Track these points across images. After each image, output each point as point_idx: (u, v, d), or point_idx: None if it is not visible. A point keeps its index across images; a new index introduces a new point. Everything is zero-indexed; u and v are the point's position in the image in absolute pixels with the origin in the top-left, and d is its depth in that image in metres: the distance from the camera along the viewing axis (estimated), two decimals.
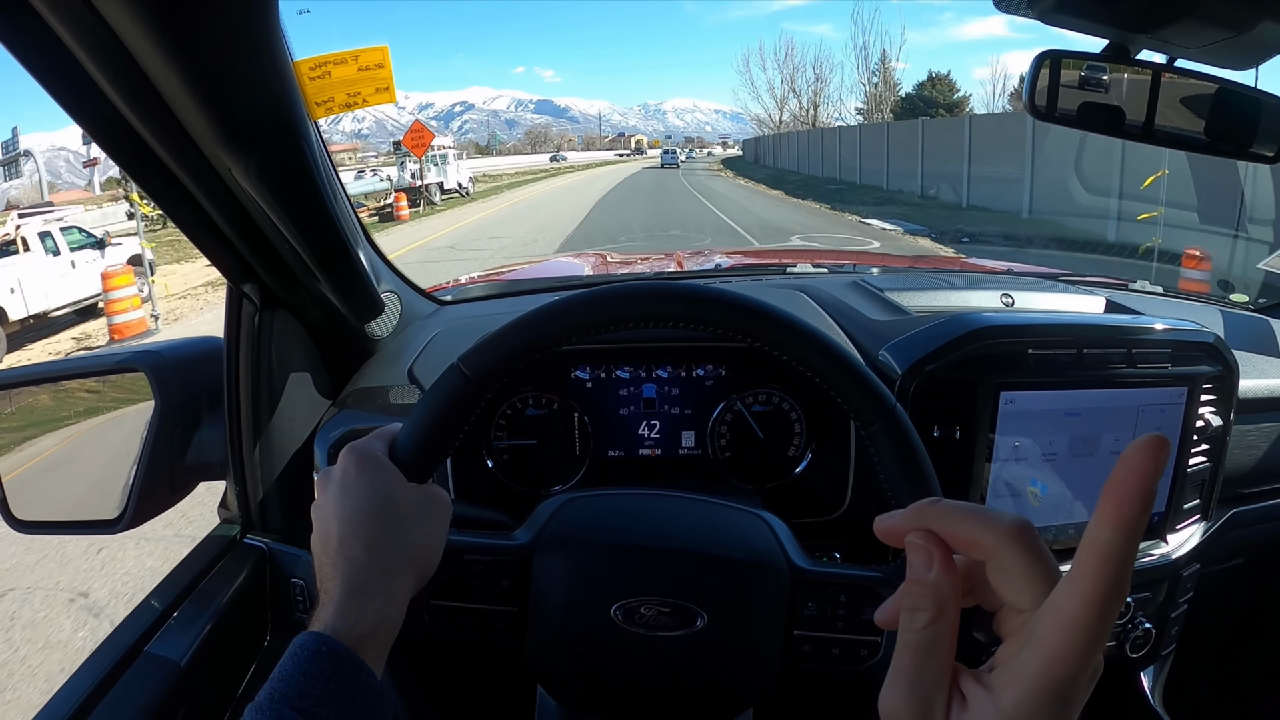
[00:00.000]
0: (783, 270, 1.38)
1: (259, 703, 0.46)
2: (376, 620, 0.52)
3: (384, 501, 0.55)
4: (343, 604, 0.51)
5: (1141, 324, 0.94)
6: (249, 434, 0.90)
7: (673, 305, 0.59)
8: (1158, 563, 0.95)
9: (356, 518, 0.54)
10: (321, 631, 0.49)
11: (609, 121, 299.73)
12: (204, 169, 0.63)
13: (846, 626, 0.63)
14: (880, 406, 0.58)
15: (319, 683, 0.47)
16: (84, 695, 0.74)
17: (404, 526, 0.55)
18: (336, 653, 0.48)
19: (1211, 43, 0.91)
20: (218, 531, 0.97)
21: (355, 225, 0.88)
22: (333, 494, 0.56)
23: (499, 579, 0.64)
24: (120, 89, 0.53)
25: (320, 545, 0.55)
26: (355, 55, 0.72)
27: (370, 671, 0.50)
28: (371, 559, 0.53)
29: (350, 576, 0.52)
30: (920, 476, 0.58)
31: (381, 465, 0.56)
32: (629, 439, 0.96)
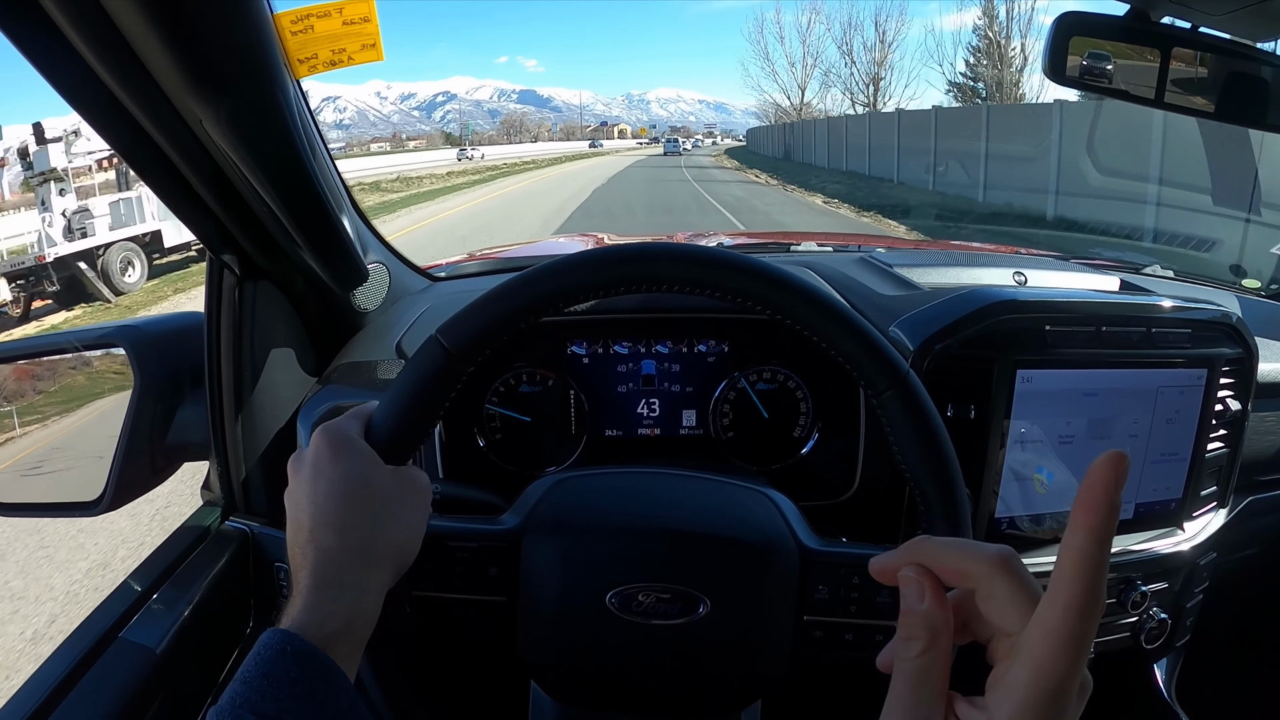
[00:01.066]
0: (786, 249, 1.34)
1: (220, 707, 0.42)
2: (349, 615, 0.48)
3: (358, 486, 0.51)
4: (311, 599, 0.47)
5: (1161, 302, 0.90)
6: (231, 412, 0.87)
7: (667, 267, 0.54)
8: (1174, 551, 0.92)
9: (328, 504, 0.50)
10: (287, 629, 0.46)
11: (592, 111, 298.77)
12: (174, 121, 0.59)
13: (860, 610, 0.59)
14: (893, 373, 0.54)
15: (284, 685, 0.43)
16: (55, 682, 0.71)
17: (380, 512, 0.52)
18: (303, 652, 0.44)
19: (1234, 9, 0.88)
20: (199, 514, 0.94)
21: (339, 189, 0.84)
22: (305, 478, 0.52)
23: (486, 567, 0.60)
24: (79, 28, 0.50)
25: (292, 534, 0.52)
26: (339, 8, 0.68)
27: (340, 672, 0.46)
28: (344, 548, 0.49)
29: (320, 568, 0.48)
30: (935, 445, 0.54)
31: (355, 447, 0.53)
32: (627, 418, 0.92)
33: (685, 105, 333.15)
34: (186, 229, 0.75)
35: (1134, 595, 0.89)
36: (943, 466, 0.54)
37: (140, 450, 0.88)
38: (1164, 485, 0.91)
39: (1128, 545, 0.90)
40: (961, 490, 0.55)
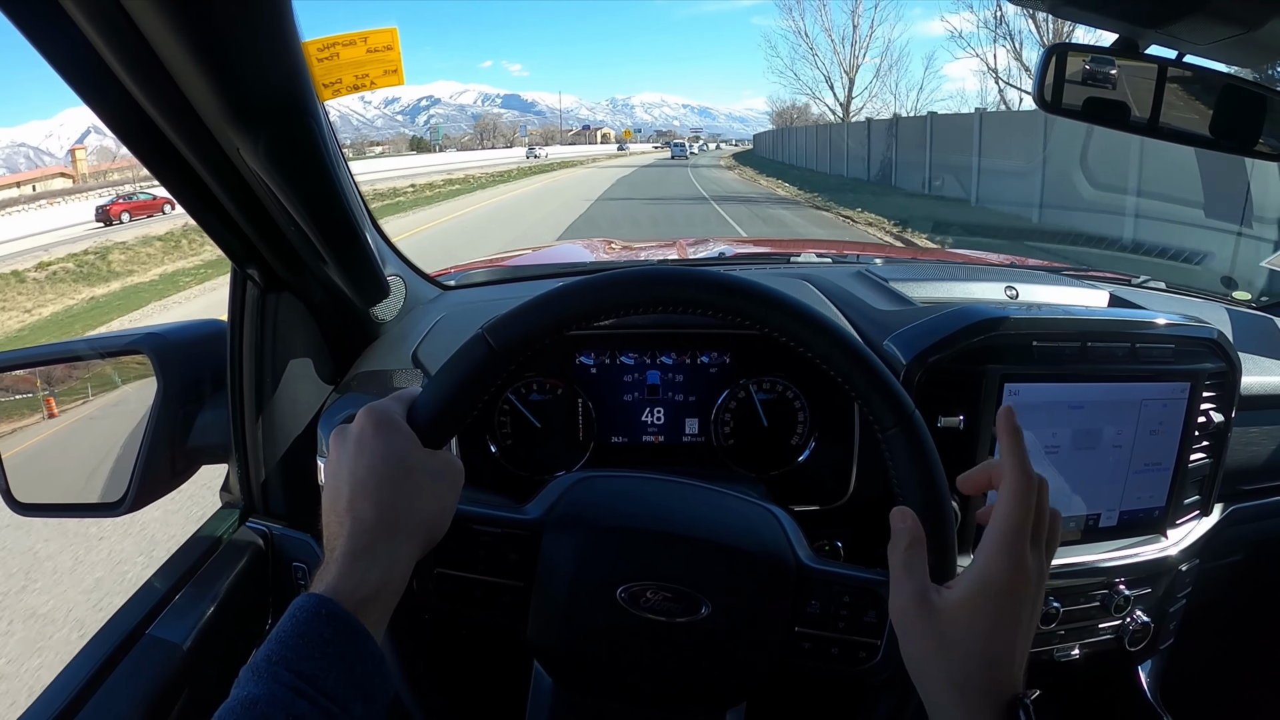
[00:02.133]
0: (786, 259, 1.38)
1: (255, 664, 0.45)
2: (380, 583, 0.51)
3: (397, 463, 0.54)
4: (346, 565, 0.50)
5: (1145, 318, 0.94)
6: (251, 417, 0.90)
7: (707, 293, 0.58)
8: (1156, 557, 0.95)
9: (369, 477, 0.53)
10: (322, 593, 0.48)
11: (576, 115, 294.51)
12: (211, 148, 0.62)
13: (848, 627, 0.63)
14: (899, 412, 0.58)
15: (318, 645, 0.46)
16: (86, 677, 0.74)
17: (416, 490, 0.54)
18: (336, 615, 0.47)
19: (1221, 39, 0.91)
20: (220, 515, 0.97)
21: (363, 208, 0.87)
22: (347, 452, 0.54)
23: (507, 552, 0.63)
24: (128, 66, 0.53)
25: (330, 503, 0.54)
26: (364, 37, 0.72)
27: (370, 636, 0.48)
28: (380, 520, 0.52)
29: (356, 536, 0.51)
30: (931, 484, 0.58)
31: (398, 427, 0.55)
32: (632, 425, 0.96)
33: (669, 110, 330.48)
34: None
35: (1117, 599, 0.93)
36: (936, 500, 0.58)
37: (161, 453, 0.91)
38: (1147, 494, 0.94)
39: (1112, 551, 0.93)
40: (951, 522, 0.59)
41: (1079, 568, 0.92)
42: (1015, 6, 1.25)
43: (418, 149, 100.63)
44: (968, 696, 0.50)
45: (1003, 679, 0.51)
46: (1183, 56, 0.92)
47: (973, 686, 0.50)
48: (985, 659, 0.51)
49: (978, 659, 0.51)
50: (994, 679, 0.50)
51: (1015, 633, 0.52)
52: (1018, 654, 0.52)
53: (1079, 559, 0.92)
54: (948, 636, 0.51)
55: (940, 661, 0.51)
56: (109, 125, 0.59)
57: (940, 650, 0.51)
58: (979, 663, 0.51)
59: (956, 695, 0.51)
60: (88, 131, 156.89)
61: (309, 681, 0.44)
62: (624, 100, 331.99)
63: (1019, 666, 0.52)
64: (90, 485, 0.99)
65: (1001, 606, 0.51)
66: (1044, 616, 0.90)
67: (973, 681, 0.50)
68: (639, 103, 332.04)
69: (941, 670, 0.51)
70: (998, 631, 0.51)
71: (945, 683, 0.51)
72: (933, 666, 0.52)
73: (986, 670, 0.50)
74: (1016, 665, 0.52)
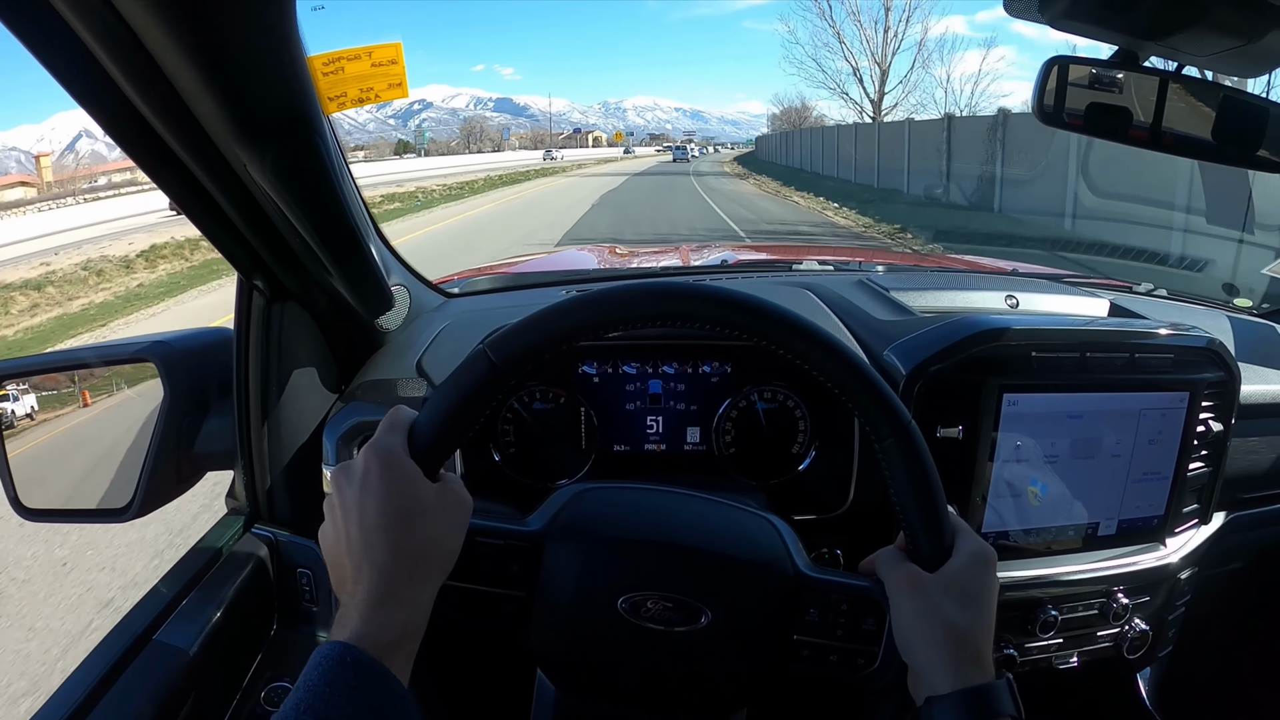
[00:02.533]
0: (789, 267, 1.38)
1: (284, 713, 0.45)
2: (404, 628, 0.51)
3: (407, 504, 0.54)
4: (369, 612, 0.50)
5: (1144, 328, 0.94)
6: (257, 424, 0.91)
7: (705, 308, 0.58)
8: (1155, 565, 0.95)
9: (381, 521, 0.53)
10: (347, 641, 0.49)
11: (568, 119, 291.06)
12: (218, 163, 0.63)
13: (846, 635, 0.64)
14: (895, 422, 0.59)
15: (344, 693, 0.46)
16: (94, 682, 0.75)
17: (428, 528, 0.54)
18: (362, 663, 0.48)
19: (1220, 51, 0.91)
20: (225, 521, 0.98)
21: (367, 219, 0.88)
22: (353, 495, 0.54)
23: (509, 563, 0.64)
24: (136, 84, 0.54)
25: (336, 545, 0.54)
26: (369, 51, 0.73)
27: (396, 680, 0.49)
28: (398, 565, 0.52)
29: (377, 585, 0.51)
30: (927, 494, 0.59)
31: (402, 465, 0.55)
32: (635, 434, 0.97)
33: (662, 113, 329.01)
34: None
35: (1115, 607, 0.93)
36: (932, 510, 0.59)
37: (168, 459, 0.92)
38: (1146, 503, 0.95)
39: (1110, 559, 0.94)
40: (948, 527, 0.60)
41: (1078, 576, 0.92)
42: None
43: (403, 153, 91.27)
44: (959, 665, 0.55)
45: (984, 653, 0.57)
46: (1182, 68, 0.92)
47: (965, 656, 0.56)
48: (971, 628, 0.57)
49: (965, 629, 0.57)
50: (979, 652, 0.57)
51: (993, 609, 0.59)
52: (991, 631, 0.59)
53: (1078, 567, 0.92)
54: (939, 607, 0.57)
55: (932, 632, 0.57)
56: (116, 139, 0.60)
57: (933, 621, 0.57)
58: (966, 632, 0.57)
59: (947, 665, 0.56)
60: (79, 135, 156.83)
61: None
62: (616, 104, 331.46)
63: (990, 648, 0.58)
64: (97, 490, 1.00)
65: (988, 576, 0.59)
66: (1042, 624, 0.90)
67: (965, 651, 0.56)
68: (631, 106, 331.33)
69: (932, 641, 0.57)
70: (982, 601, 0.58)
71: (935, 653, 0.56)
72: (925, 636, 0.57)
73: (972, 640, 0.57)
74: (989, 646, 0.58)
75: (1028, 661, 0.91)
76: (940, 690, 0.55)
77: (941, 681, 0.55)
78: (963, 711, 0.54)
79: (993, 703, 0.54)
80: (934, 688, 0.55)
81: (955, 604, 0.57)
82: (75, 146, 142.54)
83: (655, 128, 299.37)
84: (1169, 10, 0.84)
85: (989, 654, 0.57)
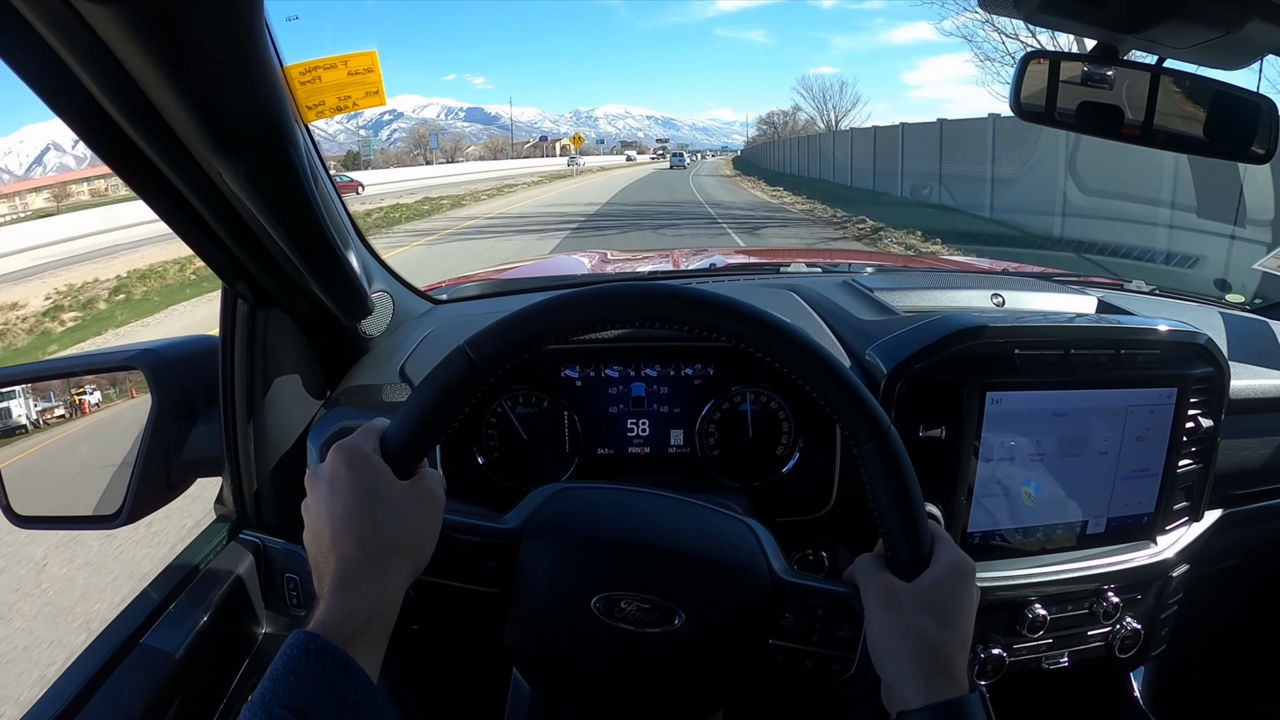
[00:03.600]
0: (776, 270, 1.38)
1: (252, 703, 0.47)
2: (368, 616, 0.52)
3: (373, 499, 0.55)
4: (333, 601, 0.52)
5: (1130, 324, 0.94)
6: (244, 430, 0.92)
7: (672, 307, 0.59)
8: (1146, 564, 0.95)
9: (346, 515, 0.54)
10: (311, 630, 0.50)
11: (539, 128, 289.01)
12: (195, 172, 0.64)
13: (821, 640, 0.63)
14: (874, 427, 0.58)
15: (308, 680, 0.47)
16: (80, 685, 0.75)
17: (395, 522, 0.56)
18: (325, 650, 0.49)
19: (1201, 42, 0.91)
20: (214, 526, 0.99)
21: (346, 227, 0.89)
22: (323, 493, 0.56)
23: (485, 560, 0.64)
24: (109, 94, 0.54)
25: (313, 544, 0.56)
26: (345, 60, 0.73)
27: (359, 668, 0.50)
28: (362, 556, 0.53)
29: (341, 573, 0.53)
30: (905, 501, 0.59)
31: (370, 463, 0.56)
32: (618, 437, 0.97)
33: (633, 121, 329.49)
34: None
35: (1106, 606, 0.92)
36: (910, 518, 0.59)
37: (157, 466, 0.93)
38: (1135, 500, 0.94)
39: (1100, 558, 0.93)
40: (926, 535, 0.60)
41: (1066, 575, 0.91)
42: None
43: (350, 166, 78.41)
44: (931, 680, 0.55)
45: (957, 668, 0.56)
46: (1163, 61, 0.92)
47: (938, 670, 0.55)
48: (944, 642, 0.56)
49: (938, 643, 0.56)
50: (952, 666, 0.56)
51: (969, 622, 0.58)
52: (967, 649, 0.58)
53: (1067, 566, 0.92)
54: (913, 620, 0.57)
55: (904, 646, 0.57)
56: (93, 149, 0.61)
57: (905, 634, 0.57)
58: (939, 646, 0.56)
59: (919, 679, 0.55)
60: (47, 149, 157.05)
61: (300, 716, 0.46)
62: (588, 112, 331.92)
63: (965, 663, 0.58)
64: (88, 497, 1.00)
65: (965, 590, 0.59)
66: (1030, 624, 0.90)
67: (938, 665, 0.56)
68: (602, 114, 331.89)
69: (904, 654, 0.57)
70: (957, 615, 0.58)
71: (907, 667, 0.56)
72: (897, 649, 0.57)
73: (945, 654, 0.56)
74: (964, 660, 0.58)
75: (1017, 662, 0.91)
76: (912, 704, 0.55)
77: (913, 696, 0.55)
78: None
79: (965, 716, 0.54)
80: (905, 702, 0.55)
81: (930, 618, 0.57)
82: (43, 160, 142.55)
83: (627, 135, 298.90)
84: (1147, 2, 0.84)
85: (963, 668, 0.57)
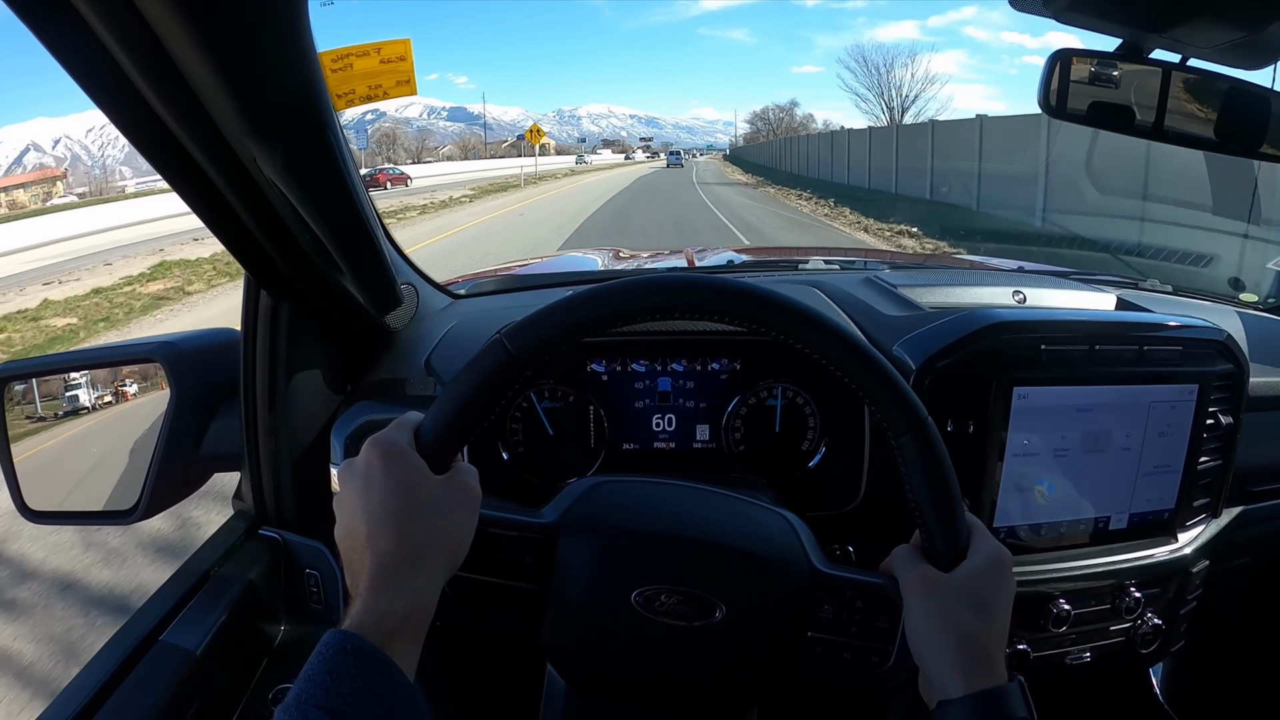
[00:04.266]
0: (795, 267, 1.38)
1: (287, 704, 0.45)
2: (405, 614, 0.51)
3: (410, 494, 0.54)
4: (370, 599, 0.50)
5: (1153, 320, 0.94)
6: (264, 425, 0.91)
7: (727, 301, 0.58)
8: (1167, 559, 0.95)
9: (383, 512, 0.53)
10: (347, 629, 0.49)
11: (522, 127, 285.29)
12: (228, 158, 0.63)
13: (860, 632, 0.63)
14: (912, 418, 0.58)
15: (345, 680, 0.46)
16: (100, 682, 0.74)
17: (431, 518, 0.54)
18: (362, 650, 0.48)
19: (1224, 43, 0.92)
20: (232, 522, 0.98)
21: (375, 218, 0.88)
22: (357, 488, 0.55)
23: (523, 556, 0.64)
24: (149, 78, 0.54)
25: (347, 540, 0.55)
26: (377, 48, 0.73)
27: (397, 667, 0.49)
28: (399, 553, 0.52)
29: (377, 571, 0.51)
30: (944, 488, 0.58)
31: (406, 457, 0.55)
32: (644, 432, 0.96)
33: (616, 120, 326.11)
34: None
35: (1128, 601, 0.93)
36: (948, 508, 0.59)
37: (174, 461, 0.92)
38: (1157, 496, 0.94)
39: (1122, 554, 0.93)
40: (964, 526, 0.60)
41: (1089, 570, 0.92)
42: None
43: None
44: (970, 669, 0.55)
45: (996, 658, 0.57)
46: (1186, 60, 0.93)
47: (976, 660, 0.56)
48: (983, 632, 0.57)
49: (977, 633, 0.57)
50: (990, 656, 0.56)
51: (1007, 613, 0.59)
52: (1005, 640, 0.58)
53: (1089, 561, 0.92)
54: (952, 611, 0.57)
55: (944, 636, 0.57)
56: (127, 135, 0.60)
57: (945, 625, 0.57)
58: (978, 636, 0.57)
59: (958, 669, 0.56)
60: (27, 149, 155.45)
61: (337, 717, 0.45)
62: (571, 111, 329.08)
63: (1003, 653, 0.58)
64: (103, 492, 1.00)
65: (1003, 580, 0.59)
66: (1054, 619, 0.90)
67: (976, 655, 0.56)
68: (585, 114, 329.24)
69: (944, 645, 0.57)
70: (995, 605, 0.58)
71: (946, 657, 0.56)
72: (936, 639, 0.57)
73: (984, 644, 0.57)
74: (1002, 650, 0.58)
75: (1040, 657, 0.91)
76: (952, 694, 0.55)
77: (953, 685, 0.55)
78: (975, 715, 0.54)
79: (1005, 706, 0.54)
80: (946, 692, 0.55)
81: (968, 608, 0.57)
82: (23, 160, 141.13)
83: (610, 134, 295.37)
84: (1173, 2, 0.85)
85: (1001, 658, 0.57)
